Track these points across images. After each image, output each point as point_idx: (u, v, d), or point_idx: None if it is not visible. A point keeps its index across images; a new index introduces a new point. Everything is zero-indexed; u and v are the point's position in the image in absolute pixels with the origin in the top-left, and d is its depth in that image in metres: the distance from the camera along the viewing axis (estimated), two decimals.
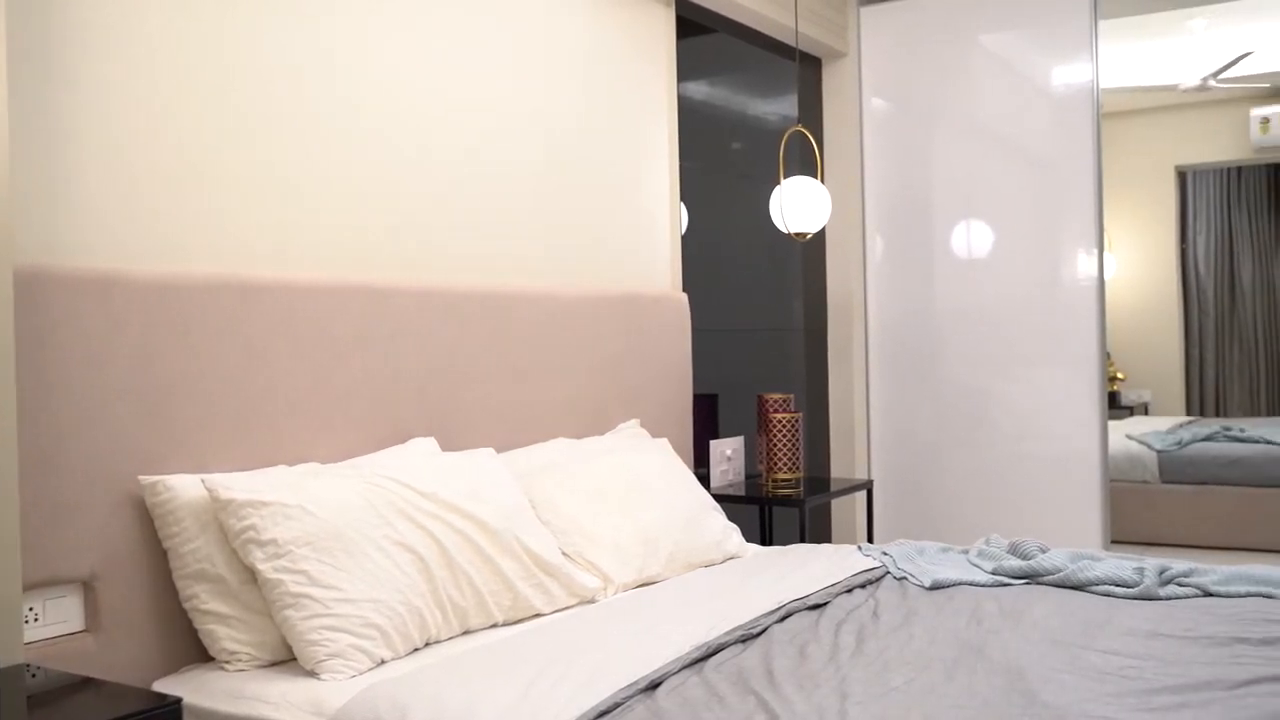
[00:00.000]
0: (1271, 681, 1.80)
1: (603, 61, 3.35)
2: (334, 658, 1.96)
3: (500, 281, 2.91)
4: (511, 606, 2.32)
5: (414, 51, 2.73)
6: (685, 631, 2.10)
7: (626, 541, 2.63)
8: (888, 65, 4.52)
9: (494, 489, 2.42)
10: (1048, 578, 2.53)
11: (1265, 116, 7.09)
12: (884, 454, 4.53)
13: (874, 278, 4.55)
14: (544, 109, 3.12)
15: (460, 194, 2.85)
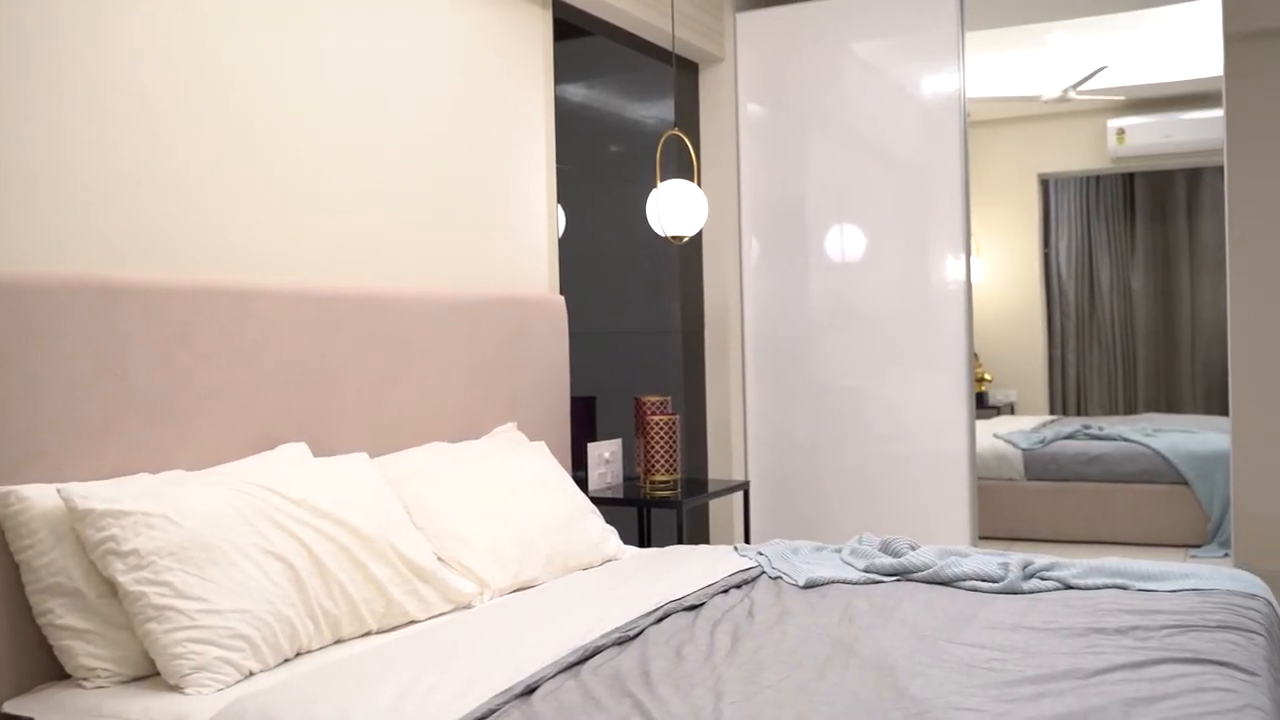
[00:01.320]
0: (1125, 669, 1.87)
1: (478, 62, 3.33)
2: (199, 671, 1.90)
3: (373, 283, 2.86)
4: (385, 614, 2.28)
5: (284, 48, 2.67)
6: (562, 635, 2.10)
7: (503, 545, 2.62)
8: (763, 71, 4.59)
9: (367, 495, 2.38)
10: (917, 575, 2.59)
11: (1121, 128, 7.38)
12: (760, 455, 4.59)
13: (750, 281, 4.61)
14: (418, 109, 3.09)
15: (332, 194, 2.80)
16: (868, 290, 4.42)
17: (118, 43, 2.28)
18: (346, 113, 2.85)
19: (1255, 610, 2.24)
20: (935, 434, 4.30)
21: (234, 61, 2.54)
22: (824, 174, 4.49)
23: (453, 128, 3.22)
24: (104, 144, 2.25)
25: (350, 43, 2.86)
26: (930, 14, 4.31)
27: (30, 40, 2.11)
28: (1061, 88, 6.61)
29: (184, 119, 2.42)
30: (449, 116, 3.20)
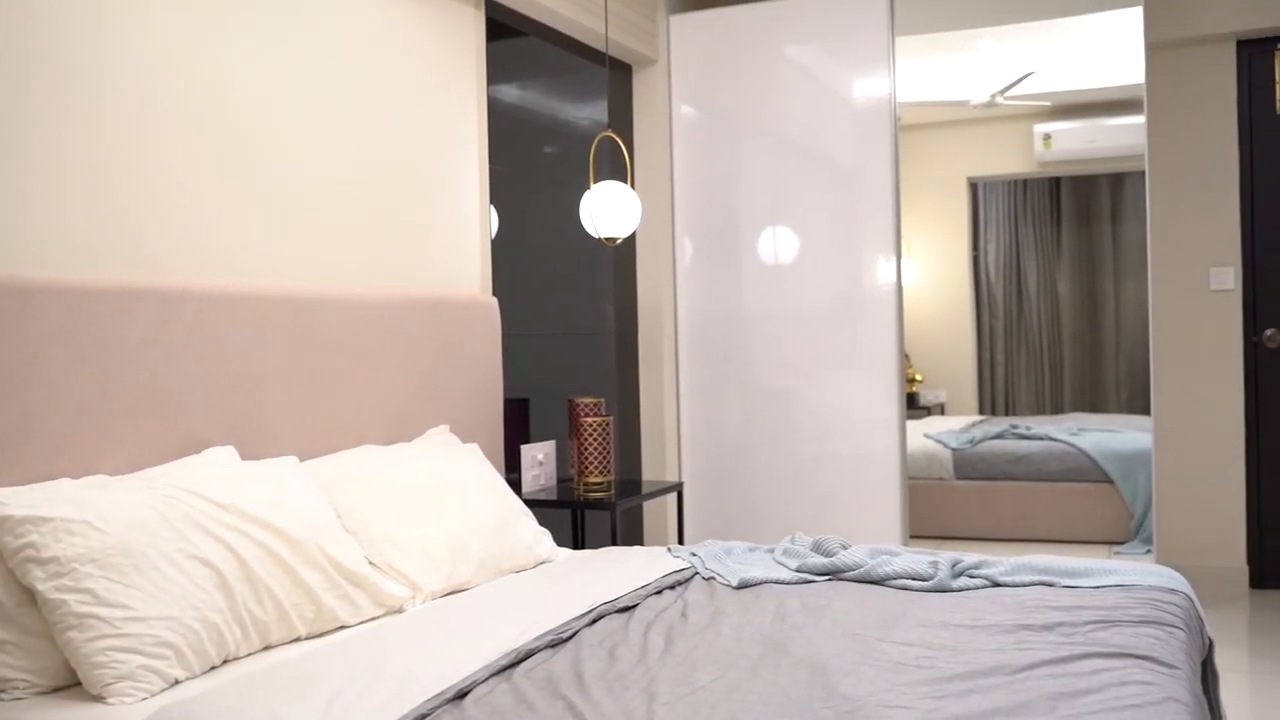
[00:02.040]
0: (1051, 664, 1.91)
1: (411, 63, 3.30)
2: (123, 680, 1.86)
3: (303, 285, 2.82)
4: (316, 619, 2.25)
5: (214, 48, 2.62)
6: (495, 638, 2.08)
7: (435, 549, 2.60)
8: (697, 73, 4.60)
9: (296, 498, 2.35)
10: (849, 574, 2.62)
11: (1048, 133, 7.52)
12: (694, 455, 4.60)
13: (683, 282, 4.62)
14: (349, 109, 3.05)
15: (261, 195, 2.76)
16: (800, 291, 4.45)
17: (36, 40, 2.23)
18: (275, 112, 2.81)
19: (1175, 605, 2.29)
20: (867, 434, 4.34)
21: (156, 60, 2.49)
22: (756, 176, 4.52)
23: (385, 128, 3.19)
24: (19, 142, 2.20)
25: (281, 43, 2.82)
26: (861, 19, 4.36)
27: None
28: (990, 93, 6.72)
29: (105, 118, 2.37)
30: (381, 117, 3.17)
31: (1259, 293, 4.87)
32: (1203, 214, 4.92)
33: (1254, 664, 3.84)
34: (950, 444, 6.00)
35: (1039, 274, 8.68)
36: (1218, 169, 4.91)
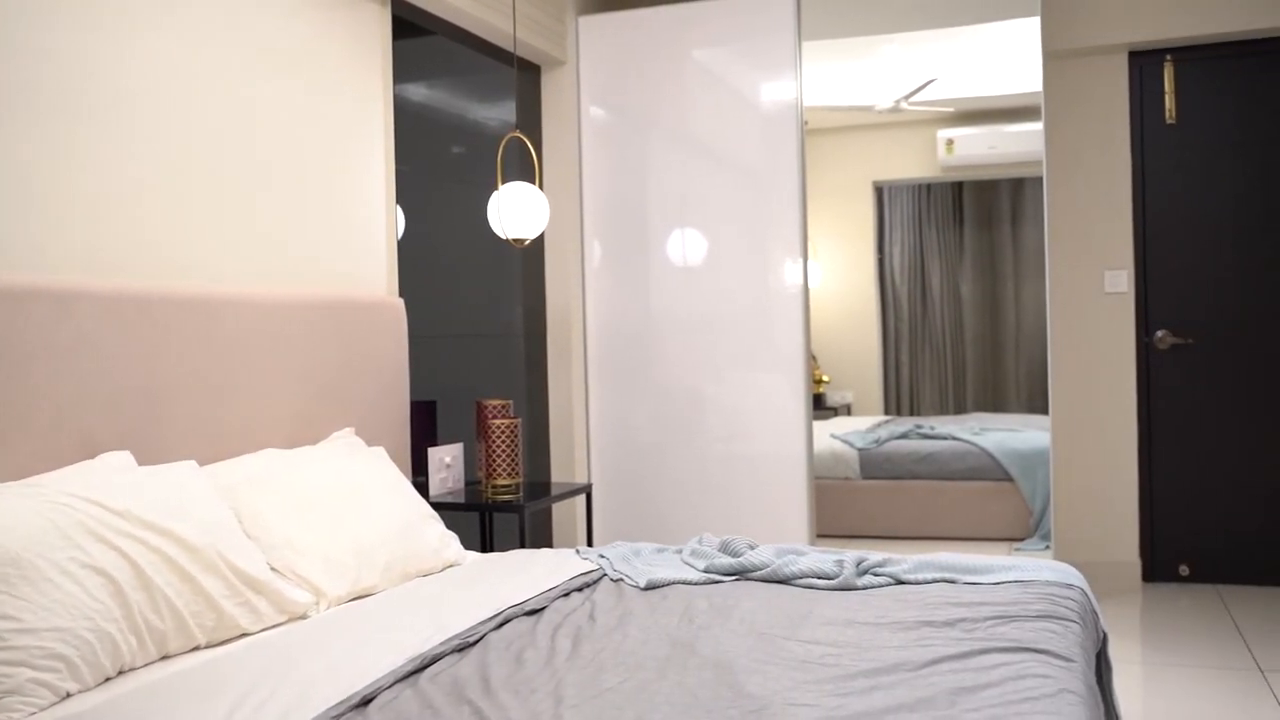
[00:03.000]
0: (952, 660, 1.94)
1: (315, 60, 3.25)
2: (10, 695, 1.80)
3: (203, 285, 2.76)
4: (215, 627, 2.20)
5: (114, 43, 2.55)
6: (400, 644, 2.06)
7: (339, 554, 2.56)
8: (606, 75, 4.60)
9: (195, 504, 2.29)
10: (756, 574, 2.64)
11: (950, 138, 7.65)
12: (603, 457, 4.60)
13: (592, 283, 4.62)
14: (251, 106, 2.99)
15: (160, 193, 2.69)
16: (708, 293, 4.48)
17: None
18: (174, 110, 2.74)
19: (1072, 599, 2.35)
20: (774, 435, 4.38)
21: (55, 55, 2.42)
22: (665, 178, 4.53)
23: (289, 127, 3.13)
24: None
25: (183, 40, 2.76)
26: (769, 23, 4.40)
27: None
28: (894, 99, 6.83)
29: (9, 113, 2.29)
30: (285, 115, 3.12)
31: (1151, 295, 5.02)
32: (1098, 219, 5.06)
33: (1145, 655, 3.96)
34: (856, 444, 6.09)
35: (942, 276, 8.84)
36: (1112, 175, 5.05)
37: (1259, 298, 4.89)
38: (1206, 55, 4.95)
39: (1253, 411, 4.90)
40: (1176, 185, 5.00)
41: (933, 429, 6.27)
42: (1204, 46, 4.93)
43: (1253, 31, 4.77)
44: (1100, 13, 4.93)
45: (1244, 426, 4.92)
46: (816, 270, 8.45)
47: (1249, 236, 4.90)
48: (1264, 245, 4.88)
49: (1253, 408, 4.90)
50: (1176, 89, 5.00)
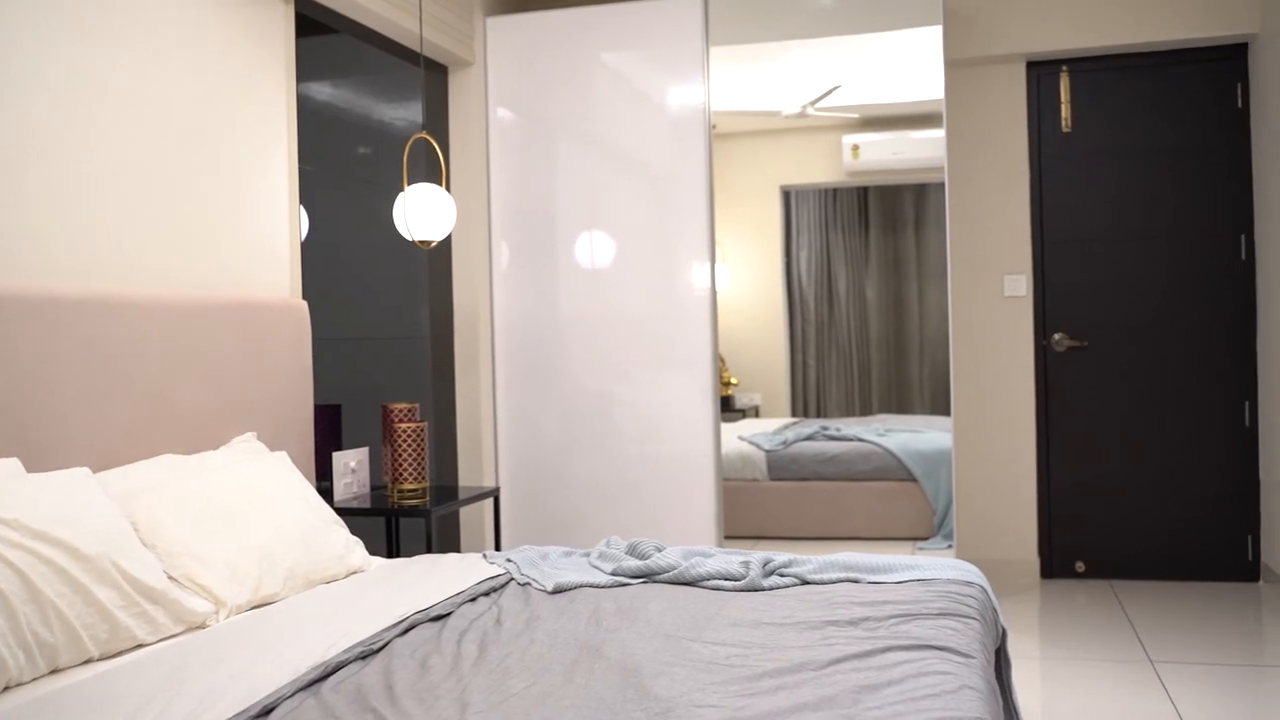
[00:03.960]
0: (855, 658, 1.96)
1: (216, 58, 3.18)
2: None
3: (98, 286, 2.68)
4: (109, 639, 2.14)
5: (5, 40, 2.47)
6: (303, 651, 2.02)
7: (240, 561, 2.50)
8: (514, 76, 4.58)
9: (88, 512, 2.23)
10: (663, 576, 2.65)
11: (856, 143, 7.76)
12: (511, 460, 4.58)
13: (500, 286, 4.59)
14: (149, 104, 2.92)
15: (55, 191, 2.61)
16: (617, 296, 4.48)
17: None
18: (72, 107, 2.66)
19: (972, 597, 2.40)
20: (683, 437, 4.40)
21: None
22: (574, 181, 4.53)
23: (189, 125, 3.06)
24: None
25: (79, 36, 2.68)
26: (677, 28, 4.42)
27: None
28: (801, 104, 6.91)
29: None
30: (185, 113, 3.04)
31: (1048, 299, 5.15)
32: (997, 224, 5.18)
33: (1044, 650, 4.06)
34: (764, 445, 6.14)
35: (848, 280, 8.96)
36: (1011, 182, 5.18)
37: (1149, 301, 5.04)
38: (1099, 66, 5.10)
39: (1143, 412, 5.06)
40: (1072, 192, 5.14)
41: (838, 430, 6.35)
42: (1097, 58, 5.07)
43: (1142, 44, 4.93)
44: (999, 23, 5.04)
45: (1135, 426, 5.07)
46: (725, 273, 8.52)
47: (1140, 242, 5.05)
48: (1154, 250, 5.04)
49: (1143, 408, 5.06)
50: (1071, 98, 5.14)
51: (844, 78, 6.60)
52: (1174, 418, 5.03)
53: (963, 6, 5.11)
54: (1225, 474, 5.00)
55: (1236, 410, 4.98)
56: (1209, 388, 5.00)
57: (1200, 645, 4.05)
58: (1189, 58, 5.00)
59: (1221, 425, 4.99)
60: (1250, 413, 4.96)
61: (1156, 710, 3.39)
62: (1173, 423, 5.03)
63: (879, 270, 8.99)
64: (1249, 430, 4.97)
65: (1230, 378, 4.99)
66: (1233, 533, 5.00)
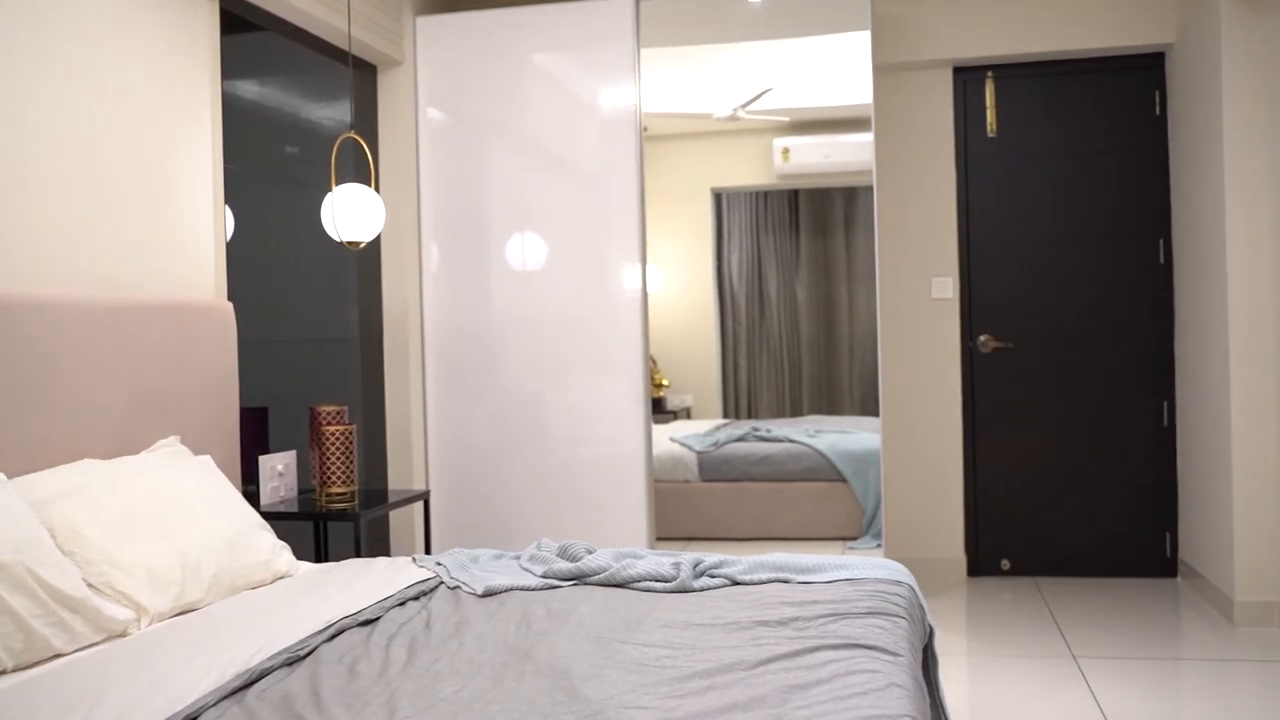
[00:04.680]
0: (785, 658, 1.98)
1: (138, 55, 3.11)
2: None
3: (14, 286, 2.62)
4: (25, 649, 2.08)
5: None
6: (227, 658, 1.99)
7: (163, 567, 2.46)
8: (444, 77, 4.55)
9: (1, 519, 2.17)
10: (594, 578, 2.64)
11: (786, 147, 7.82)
12: (442, 463, 4.54)
13: (430, 287, 4.56)
14: (71, 101, 2.85)
15: None
16: (549, 297, 4.47)
17: None
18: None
19: (900, 596, 2.42)
20: (614, 438, 4.40)
21: None
22: (505, 182, 4.51)
23: (110, 121, 2.99)
24: None
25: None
26: (608, 30, 4.42)
27: None
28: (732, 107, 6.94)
29: None
30: (107, 110, 2.98)
31: (974, 301, 5.23)
32: (925, 227, 5.25)
33: (971, 646, 4.12)
34: (695, 447, 6.16)
35: (779, 281, 9.03)
36: (938, 186, 5.25)
37: (1073, 303, 5.14)
38: (1024, 73, 5.19)
39: (1066, 412, 5.16)
40: (997, 196, 5.23)
41: (769, 431, 6.39)
42: (1022, 64, 5.17)
43: (1065, 52, 5.03)
44: (926, 29, 5.11)
45: (1059, 426, 5.17)
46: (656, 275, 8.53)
47: (1062, 245, 5.15)
48: (1076, 253, 5.14)
49: (1067, 408, 5.16)
50: (997, 104, 5.22)
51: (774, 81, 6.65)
52: (1096, 418, 5.14)
53: (890, 12, 5.17)
54: (1145, 473, 5.11)
55: (1156, 411, 5.10)
56: (1130, 389, 5.11)
57: (1121, 640, 4.13)
58: (1110, 65, 5.11)
59: (1141, 425, 5.11)
60: (1169, 413, 5.08)
61: (1079, 704, 3.46)
62: (1095, 423, 5.14)
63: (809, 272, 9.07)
64: (1168, 430, 5.09)
65: (1150, 379, 5.10)
66: (1152, 530, 5.12)
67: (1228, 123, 4.29)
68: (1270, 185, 4.22)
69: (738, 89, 6.82)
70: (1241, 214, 4.27)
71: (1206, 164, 4.53)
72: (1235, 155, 4.28)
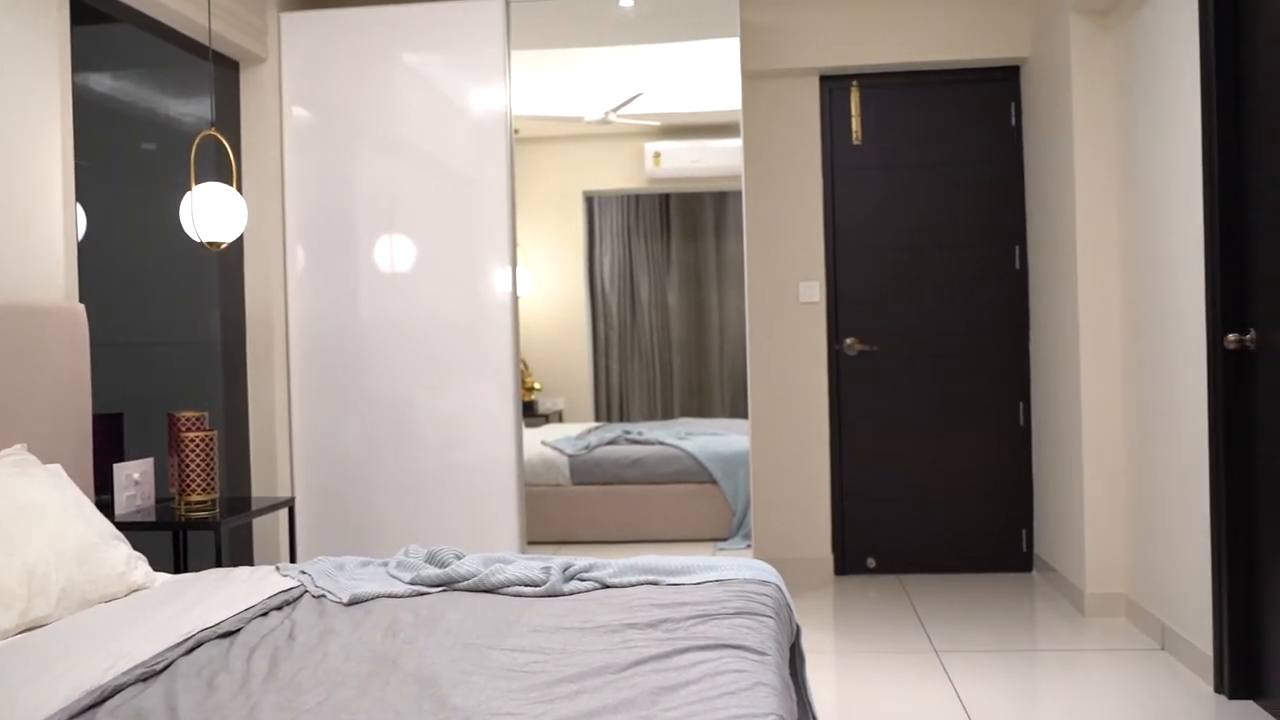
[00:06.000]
0: (654, 660, 1.98)
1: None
2: None
3: None
4: None
5: None
6: (77, 677, 1.91)
7: (6, 582, 2.34)
8: (310, 74, 4.46)
9: None
10: (463, 584, 2.62)
11: (657, 151, 7.87)
12: (308, 469, 4.44)
13: (296, 290, 4.46)
14: None
15: None
16: (418, 300, 4.41)
17: None
18: None
19: (767, 595, 2.46)
20: (485, 442, 4.37)
21: None
22: (373, 183, 4.44)
23: None
24: None
25: None
26: (478, 31, 4.38)
27: None
28: (603, 110, 6.96)
29: None
30: None
31: (841, 304, 5.34)
32: (793, 232, 5.34)
33: (838, 644, 4.20)
34: (566, 450, 6.15)
35: (650, 285, 9.08)
36: (805, 191, 5.35)
37: (934, 307, 5.29)
38: (888, 82, 5.32)
39: (929, 413, 5.30)
40: (862, 202, 5.35)
41: (641, 434, 6.42)
42: (886, 74, 5.30)
43: (926, 63, 5.17)
44: (794, 38, 5.21)
45: (922, 427, 5.31)
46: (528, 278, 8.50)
47: (925, 250, 5.30)
48: (938, 258, 5.29)
49: (929, 409, 5.30)
50: (862, 112, 5.34)
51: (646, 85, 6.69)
52: (957, 419, 5.29)
53: (759, 20, 5.25)
54: (1003, 472, 5.29)
55: (1013, 411, 5.28)
56: (988, 390, 5.28)
57: (980, 634, 4.27)
58: (969, 77, 5.28)
59: (1000, 426, 5.28)
60: (1025, 413, 5.26)
61: (941, 697, 3.55)
62: (956, 423, 5.30)
63: (680, 275, 9.14)
64: (1024, 430, 5.27)
65: (1007, 380, 5.28)
66: (1009, 527, 5.30)
67: (1078, 133, 4.46)
68: (1118, 194, 4.41)
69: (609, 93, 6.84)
70: (1091, 221, 4.45)
71: (1058, 173, 4.70)
72: (1085, 165, 4.46)
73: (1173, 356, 3.85)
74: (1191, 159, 3.63)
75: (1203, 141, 3.52)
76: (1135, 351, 4.25)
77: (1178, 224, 3.77)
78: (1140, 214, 4.15)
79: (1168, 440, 3.92)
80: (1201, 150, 3.53)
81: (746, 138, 5.11)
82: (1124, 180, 4.34)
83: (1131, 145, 4.23)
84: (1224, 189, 3.45)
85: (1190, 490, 3.71)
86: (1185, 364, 3.73)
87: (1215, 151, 3.46)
